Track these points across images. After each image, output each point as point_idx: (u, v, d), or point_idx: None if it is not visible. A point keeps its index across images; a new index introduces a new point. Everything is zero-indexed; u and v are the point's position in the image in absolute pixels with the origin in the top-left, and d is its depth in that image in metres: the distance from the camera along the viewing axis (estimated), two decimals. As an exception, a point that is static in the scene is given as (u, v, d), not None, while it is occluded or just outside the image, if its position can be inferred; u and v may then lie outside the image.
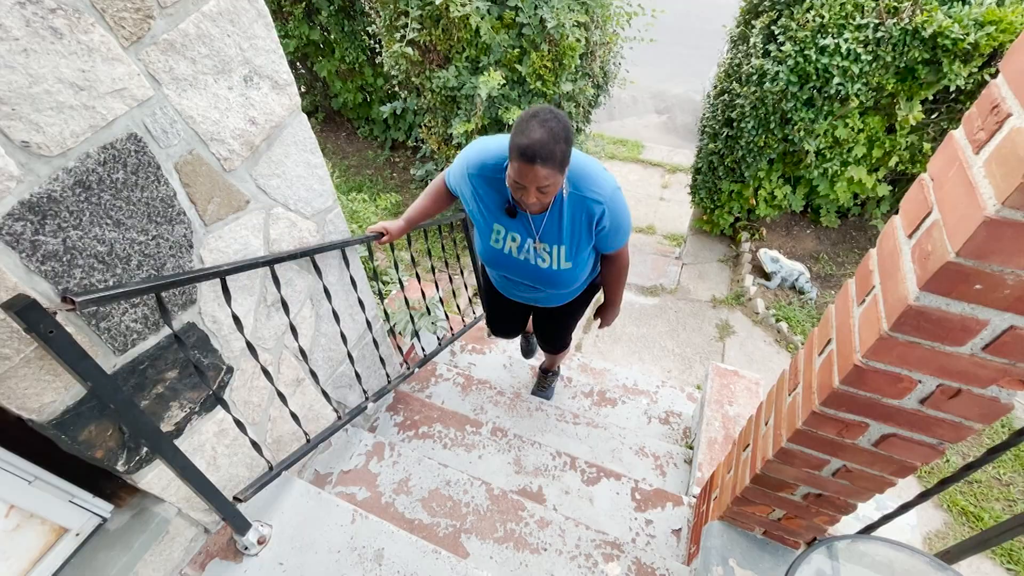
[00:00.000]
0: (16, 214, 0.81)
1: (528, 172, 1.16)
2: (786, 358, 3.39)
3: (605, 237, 1.44)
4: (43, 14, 0.77)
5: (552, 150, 1.13)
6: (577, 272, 1.51)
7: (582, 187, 1.34)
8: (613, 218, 1.38)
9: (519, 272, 1.55)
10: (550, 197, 1.27)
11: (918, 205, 0.74)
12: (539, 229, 1.43)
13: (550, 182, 1.18)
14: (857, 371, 0.83)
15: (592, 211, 1.35)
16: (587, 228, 1.39)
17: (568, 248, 1.44)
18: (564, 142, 1.16)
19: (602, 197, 1.34)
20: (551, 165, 1.15)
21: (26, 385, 0.89)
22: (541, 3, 2.71)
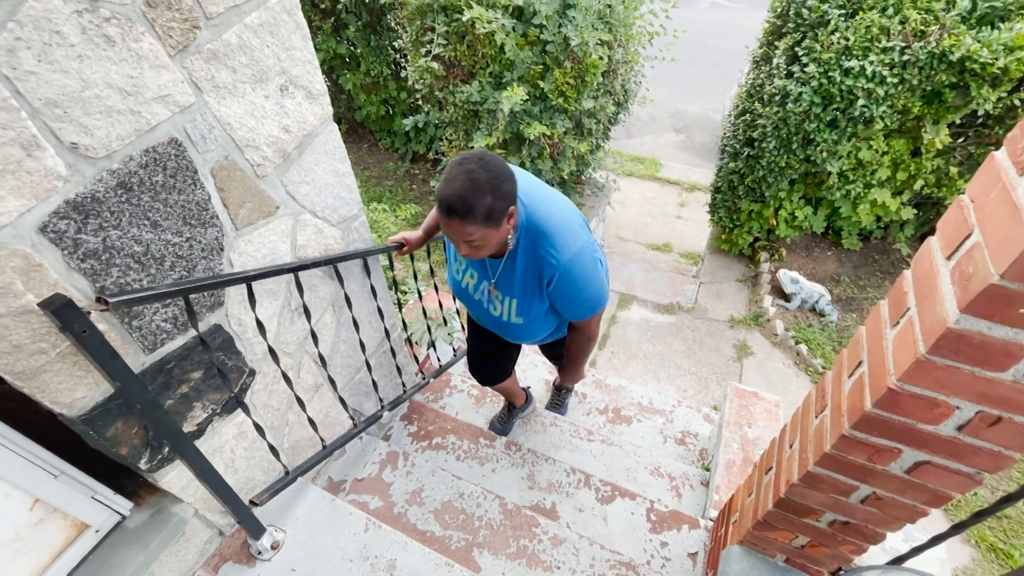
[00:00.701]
0: (61, 212, 0.83)
1: (447, 226, 1.07)
2: (805, 381, 3.32)
3: (558, 302, 1.29)
4: (98, 22, 0.81)
5: (471, 205, 1.02)
6: (531, 329, 1.40)
7: (538, 243, 1.20)
8: (566, 288, 1.23)
9: (476, 312, 1.48)
10: (486, 251, 1.15)
11: (957, 226, 0.73)
12: (495, 274, 1.32)
13: (475, 237, 1.08)
14: (891, 394, 0.81)
15: (543, 271, 1.22)
16: (537, 287, 1.27)
17: (519, 303, 1.32)
18: (491, 193, 1.03)
19: (556, 261, 1.19)
20: (472, 220, 1.04)
21: (59, 380, 0.91)
22: (566, 22, 2.75)
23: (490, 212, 1.05)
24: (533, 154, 3.30)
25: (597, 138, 3.69)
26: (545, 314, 1.36)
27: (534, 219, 1.20)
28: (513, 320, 1.37)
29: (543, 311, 1.34)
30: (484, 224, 1.06)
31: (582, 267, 1.21)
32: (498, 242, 1.15)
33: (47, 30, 0.75)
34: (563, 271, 1.20)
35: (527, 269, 1.25)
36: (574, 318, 1.36)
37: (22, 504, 1.02)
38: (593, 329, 1.42)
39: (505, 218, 1.10)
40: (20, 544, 1.03)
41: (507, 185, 1.08)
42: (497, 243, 1.15)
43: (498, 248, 1.19)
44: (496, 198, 1.05)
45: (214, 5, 0.98)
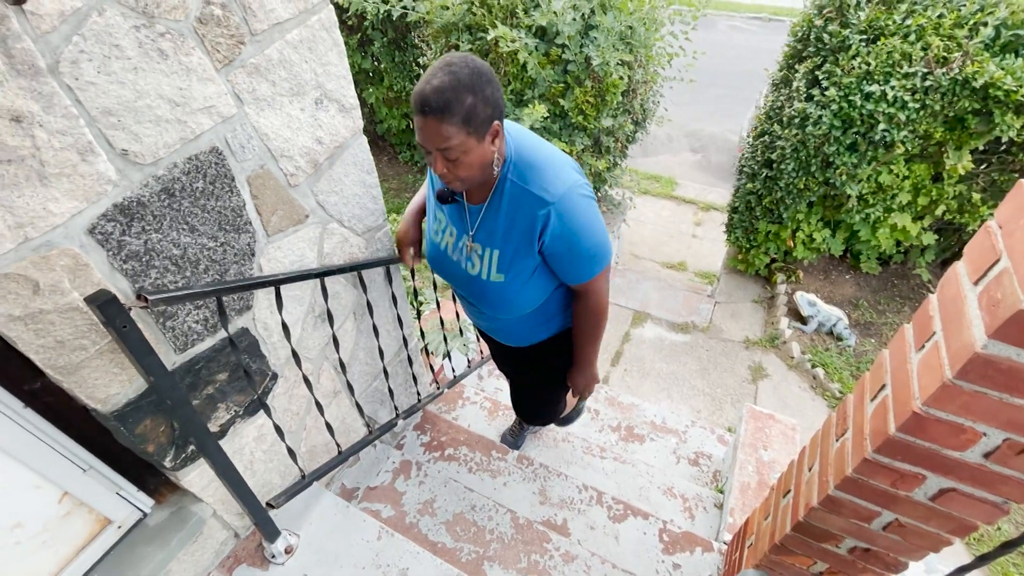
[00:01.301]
0: (109, 215, 0.87)
1: (423, 127, 0.94)
2: (822, 405, 3.27)
3: (555, 258, 1.11)
4: (153, 37, 0.85)
5: (449, 99, 0.90)
6: (512, 291, 1.18)
7: (527, 178, 1.06)
8: (564, 231, 1.06)
9: (454, 279, 1.29)
10: (465, 170, 1.00)
11: (985, 252, 0.73)
12: (474, 223, 1.16)
13: (453, 143, 0.94)
14: (916, 419, 0.80)
15: (533, 213, 1.06)
16: (526, 235, 1.09)
17: (501, 254, 1.13)
18: (472, 93, 0.91)
19: (549, 196, 1.04)
20: (450, 119, 0.91)
21: (96, 376, 0.95)
22: (587, 42, 2.80)
23: (471, 113, 0.93)
24: (551, 170, 3.34)
25: (614, 156, 3.72)
26: (532, 274, 1.16)
27: (523, 152, 1.08)
28: (493, 278, 1.17)
29: (529, 269, 1.15)
30: (464, 127, 0.93)
31: (577, 205, 1.06)
32: (480, 162, 1.00)
33: (107, 43, 0.79)
34: (558, 209, 1.04)
35: (514, 212, 1.08)
36: (576, 279, 1.17)
37: (51, 496, 1.05)
38: (602, 297, 1.21)
39: (489, 131, 0.97)
40: (47, 536, 1.06)
41: (492, 90, 0.95)
42: (479, 163, 1.00)
43: (479, 173, 1.03)
44: (479, 100, 0.93)
45: (259, 23, 1.03)
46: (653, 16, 3.03)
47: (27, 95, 0.72)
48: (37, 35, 0.72)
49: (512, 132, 1.11)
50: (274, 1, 1.05)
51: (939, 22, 2.78)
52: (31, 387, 0.91)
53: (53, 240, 0.81)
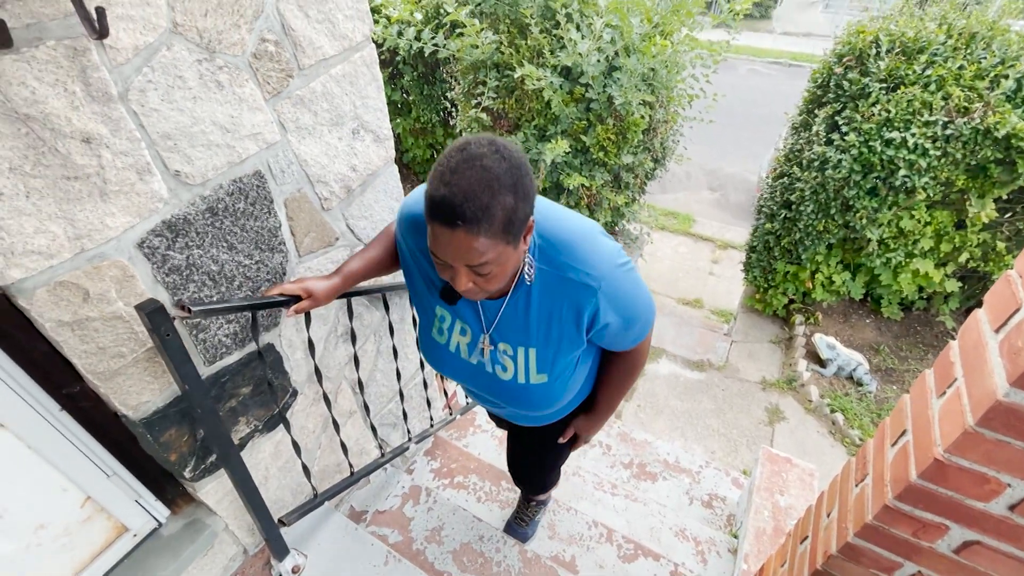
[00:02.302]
0: (157, 231, 0.93)
1: (449, 241, 0.73)
2: (841, 452, 3.17)
3: (612, 336, 0.98)
4: (213, 70, 0.92)
5: (488, 205, 0.70)
6: (557, 387, 1.03)
7: (562, 262, 0.88)
8: (618, 313, 0.92)
9: (473, 382, 1.08)
10: (496, 282, 0.81)
11: (1005, 301, 0.74)
12: (493, 321, 0.97)
13: (488, 258, 0.75)
14: (938, 466, 0.79)
15: (579, 300, 0.89)
16: (573, 325, 0.93)
17: (540, 352, 0.97)
18: (512, 192, 0.72)
19: (593, 280, 0.87)
20: (488, 230, 0.72)
21: (131, 384, 0.98)
22: (611, 82, 2.90)
23: (511, 219, 0.73)
24: (571, 203, 3.40)
25: (633, 191, 3.78)
26: (577, 363, 1.04)
27: (547, 233, 0.89)
28: (534, 380, 1.00)
29: (575, 360, 1.02)
30: (503, 236, 0.74)
31: (624, 278, 0.92)
32: (514, 269, 0.83)
33: (172, 75, 0.86)
34: (607, 291, 0.89)
35: (551, 304, 0.92)
36: (630, 344, 1.04)
37: (75, 500, 1.07)
38: (647, 349, 1.11)
39: (525, 231, 0.79)
40: (67, 540, 1.08)
41: (529, 180, 0.76)
42: (512, 271, 0.83)
43: (510, 281, 0.88)
44: (519, 198, 0.73)
45: (307, 58, 1.10)
46: (675, 59, 3.12)
47: (98, 119, 0.79)
48: (112, 66, 0.79)
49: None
50: (322, 39, 1.13)
51: (959, 73, 2.82)
52: (70, 391, 0.95)
53: (106, 252, 0.87)
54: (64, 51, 0.73)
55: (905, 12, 3.23)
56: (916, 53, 2.96)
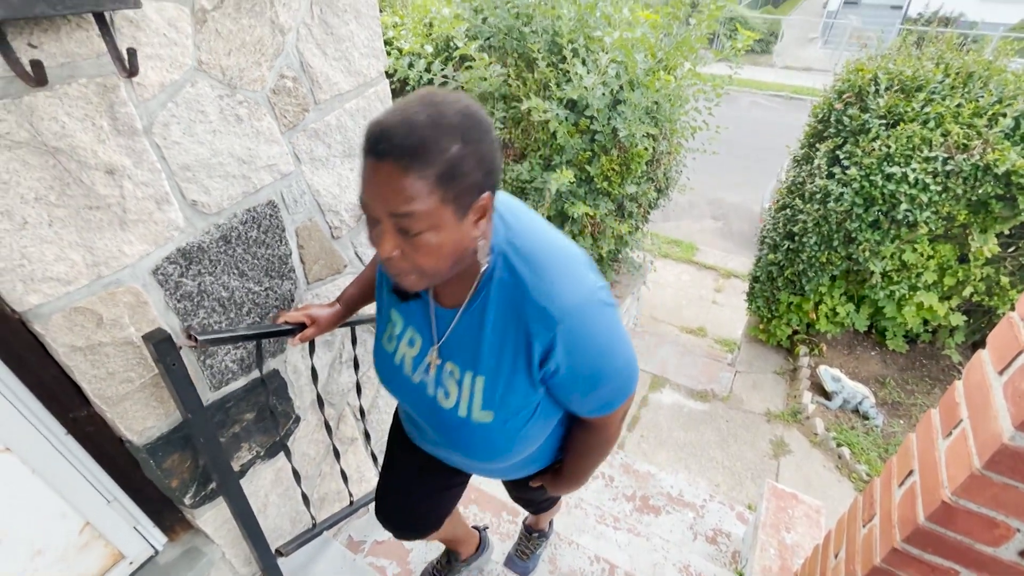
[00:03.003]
0: (172, 258, 0.95)
1: (372, 176, 0.62)
2: (848, 488, 3.11)
3: (564, 391, 0.79)
4: (233, 105, 0.96)
5: (425, 139, 0.59)
6: (502, 436, 0.83)
7: (524, 280, 0.72)
8: (578, 360, 0.74)
9: (416, 407, 0.91)
10: (429, 257, 0.66)
11: (1008, 343, 0.74)
12: (445, 332, 0.81)
13: (416, 208, 0.61)
14: (945, 508, 0.79)
15: (530, 330, 0.72)
16: (525, 358, 0.75)
17: (489, 383, 0.79)
18: (461, 140, 0.61)
19: (556, 309, 0.71)
20: (420, 169, 0.59)
21: (137, 409, 0.99)
22: (615, 115, 2.97)
23: (454, 170, 0.61)
24: (575, 231, 3.44)
25: (637, 220, 3.82)
26: (534, 412, 0.82)
27: (519, 239, 0.74)
28: (476, 416, 0.81)
29: (530, 406, 0.81)
30: (440, 188, 0.61)
31: (597, 321, 0.73)
32: (454, 249, 0.67)
33: (195, 109, 0.90)
34: (568, 329, 0.71)
35: (505, 326, 0.75)
36: (590, 413, 0.84)
37: (74, 526, 1.06)
38: (617, 428, 0.90)
39: (476, 205, 0.65)
40: (63, 566, 1.07)
41: (489, 146, 0.64)
42: (452, 251, 0.66)
43: (448, 266, 0.68)
44: (470, 153, 0.61)
45: (323, 93, 1.14)
46: (678, 93, 3.20)
47: (122, 151, 0.82)
48: (139, 101, 0.82)
49: (505, 209, 0.78)
50: (338, 75, 1.17)
51: (958, 111, 2.87)
52: (77, 415, 0.96)
53: (121, 279, 0.88)
54: (95, 88, 0.76)
55: (903, 51, 3.32)
56: (914, 91, 3.02)
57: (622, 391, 0.82)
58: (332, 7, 1.10)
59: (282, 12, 1.00)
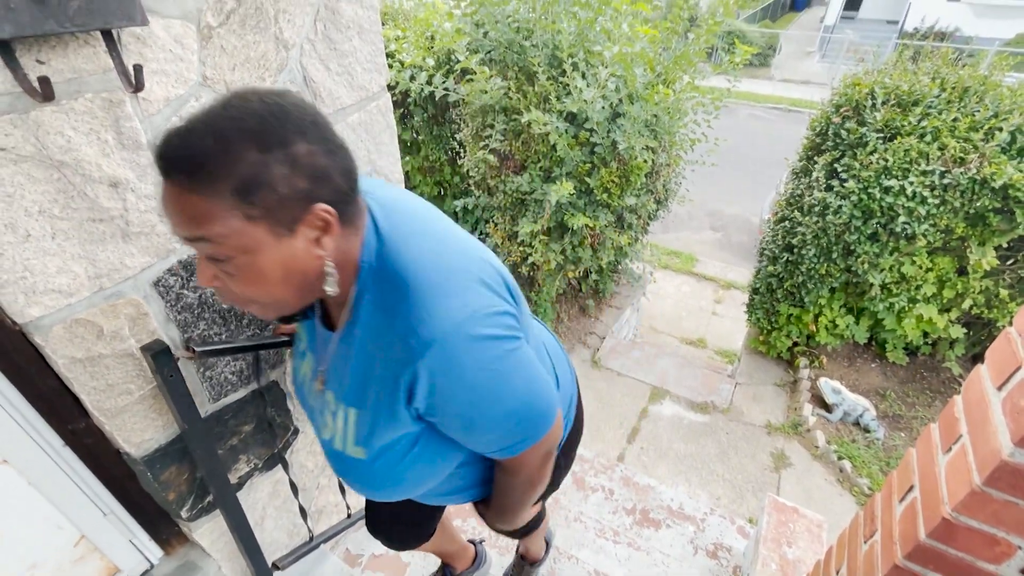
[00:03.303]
0: (173, 270, 0.95)
1: (162, 197, 0.55)
2: (850, 502, 3.09)
3: (442, 427, 0.70)
4: (236, 119, 0.97)
5: (206, 150, 0.52)
6: (381, 474, 0.76)
7: (393, 304, 0.62)
8: (448, 393, 0.64)
9: (313, 425, 0.85)
10: (250, 284, 0.59)
11: (1006, 359, 0.74)
12: (326, 356, 0.75)
13: (212, 233, 0.54)
14: (946, 525, 0.78)
15: (395, 361, 0.63)
16: (391, 394, 0.66)
17: (360, 417, 0.71)
18: (255, 142, 0.52)
19: (420, 339, 0.60)
20: (205, 188, 0.52)
21: (135, 421, 0.99)
22: (615, 128, 2.99)
23: (250, 181, 0.52)
24: (574, 242, 3.45)
25: (636, 232, 3.84)
26: (412, 445, 0.73)
27: (391, 258, 0.63)
28: (350, 451, 0.74)
29: (406, 441, 0.72)
30: (236, 206, 0.53)
31: (470, 356, 0.62)
32: (283, 274, 0.59)
33: (198, 124, 0.91)
34: (432, 363, 0.61)
35: (372, 355, 0.66)
36: (493, 454, 0.75)
37: (70, 539, 1.06)
38: (533, 469, 0.80)
39: (305, 221, 0.57)
40: (58, 580, 1.06)
41: (308, 148, 0.55)
42: (280, 277, 0.59)
43: (283, 294, 0.61)
44: (274, 157, 0.53)
45: (326, 107, 1.16)
46: (677, 106, 3.23)
47: (126, 165, 0.83)
48: (144, 116, 0.83)
49: (382, 217, 0.66)
50: (340, 90, 1.18)
51: (954, 125, 2.90)
52: (75, 426, 0.95)
53: (123, 290, 0.89)
54: (100, 103, 0.77)
55: (899, 66, 3.36)
56: (911, 105, 3.05)
57: (522, 436, 0.72)
58: (335, 23, 1.12)
59: (286, 28, 1.01)
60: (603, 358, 4.05)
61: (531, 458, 0.77)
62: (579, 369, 3.95)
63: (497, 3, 3.01)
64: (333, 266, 0.62)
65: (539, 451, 0.76)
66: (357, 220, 0.64)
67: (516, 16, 3.05)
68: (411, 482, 0.79)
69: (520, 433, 0.72)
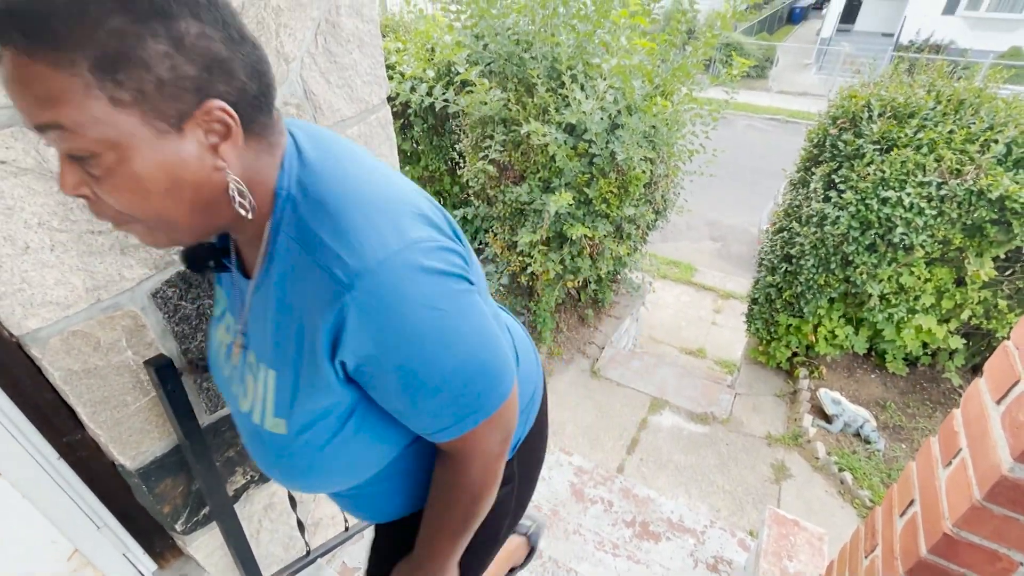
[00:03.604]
0: (172, 281, 0.95)
1: (3, 70, 0.43)
2: (851, 514, 3.07)
3: (374, 388, 0.58)
4: (237, 131, 0.98)
5: (53, 4, 0.40)
6: (301, 456, 0.63)
7: (315, 236, 0.52)
8: (374, 336, 0.52)
9: (230, 406, 0.74)
10: (121, 191, 0.47)
11: (1004, 373, 0.74)
12: (244, 308, 0.63)
13: (60, 114, 0.42)
14: (947, 541, 0.78)
15: (321, 298, 0.52)
16: (313, 344, 0.55)
17: (280, 380, 0.60)
18: (120, 4, 0.41)
19: (345, 271, 0.51)
20: (53, 48, 0.41)
21: (131, 433, 0.98)
22: (613, 139, 3.01)
23: (120, 51, 0.42)
24: (573, 252, 3.46)
25: (635, 242, 3.85)
26: (344, 424, 0.61)
27: (312, 183, 0.54)
28: (268, 425, 0.63)
29: (335, 414, 0.60)
30: (95, 79, 0.42)
31: (410, 287, 0.52)
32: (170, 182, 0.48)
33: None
34: (362, 296, 0.50)
35: (291, 298, 0.55)
36: (435, 432, 0.61)
37: (63, 553, 1.05)
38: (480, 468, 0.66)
39: (190, 112, 0.46)
40: (50, 595, 1.04)
41: (199, 25, 0.45)
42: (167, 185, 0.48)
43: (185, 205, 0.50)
44: (150, 29, 0.42)
45: (326, 120, 1.16)
46: (676, 117, 3.26)
47: (126, 178, 0.83)
48: (144, 129, 0.84)
49: (305, 138, 0.58)
50: (340, 102, 1.19)
51: (950, 137, 2.92)
52: (71, 439, 0.95)
53: (120, 302, 0.89)
54: (101, 116, 0.77)
55: (895, 78, 3.39)
56: (907, 117, 3.08)
57: (474, 405, 0.59)
58: (336, 37, 1.13)
59: (287, 42, 1.02)
60: (602, 368, 4.04)
61: (484, 443, 0.63)
62: (578, 379, 3.95)
63: (497, 16, 3.04)
64: (241, 182, 0.51)
65: (494, 434, 0.64)
66: (271, 136, 0.54)
67: (516, 29, 3.08)
68: (342, 470, 0.65)
69: (471, 400, 0.59)
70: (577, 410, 3.70)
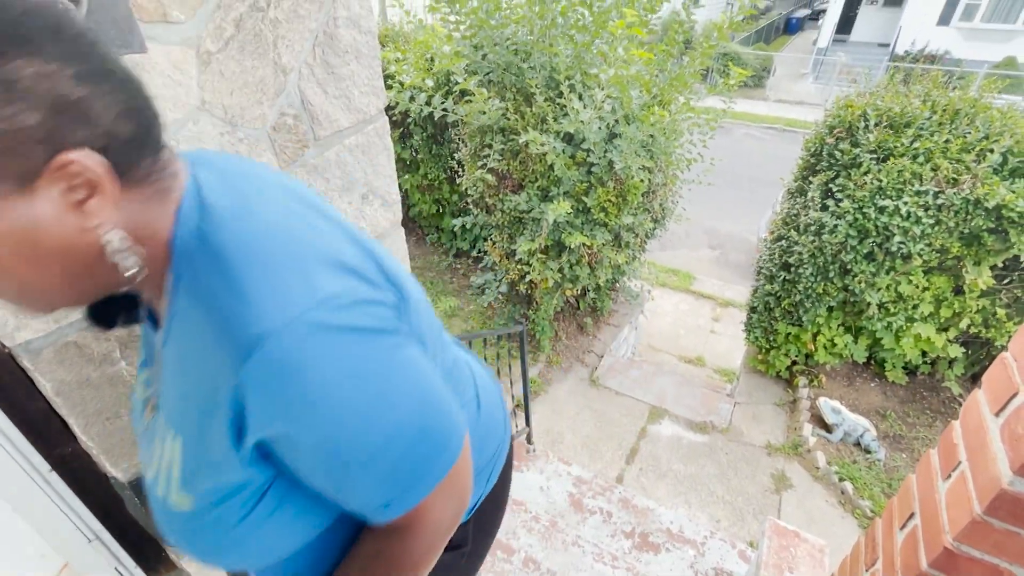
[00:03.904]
0: (166, 292, 0.95)
1: None
2: (852, 524, 3.04)
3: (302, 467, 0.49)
4: (234, 141, 0.98)
5: None
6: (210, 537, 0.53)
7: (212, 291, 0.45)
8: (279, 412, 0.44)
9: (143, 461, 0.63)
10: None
11: (1003, 385, 0.74)
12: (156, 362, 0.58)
13: None
14: (948, 555, 0.77)
15: (216, 367, 0.45)
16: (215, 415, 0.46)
17: (187, 449, 0.51)
18: None
19: (243, 337, 0.43)
20: None
21: (124, 445, 0.97)
22: (611, 148, 3.03)
23: None
24: (572, 260, 3.46)
25: (634, 250, 3.85)
26: (257, 499, 0.52)
27: (212, 232, 0.47)
28: (174, 500, 0.53)
29: (246, 490, 0.51)
30: None
31: (322, 351, 0.44)
32: (28, 250, 0.41)
33: (195, 145, 0.91)
34: (261, 366, 0.43)
35: (190, 360, 0.49)
36: (370, 507, 0.53)
37: (53, 567, 1.03)
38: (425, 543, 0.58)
39: (38, 170, 0.39)
40: (39, 610, 1.03)
41: (42, 64, 0.37)
42: (25, 254, 0.41)
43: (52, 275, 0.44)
44: None
45: (323, 130, 1.17)
46: (673, 127, 3.27)
47: (121, 188, 0.83)
48: (140, 140, 0.84)
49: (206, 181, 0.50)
50: (338, 113, 1.20)
51: (946, 146, 2.94)
52: (62, 451, 0.94)
53: (114, 313, 0.88)
54: (97, 128, 0.77)
55: (890, 88, 3.41)
56: (903, 127, 3.10)
57: (415, 477, 0.51)
58: (334, 48, 1.13)
59: (285, 53, 1.03)
60: (601, 377, 4.03)
61: (434, 514, 0.55)
62: (577, 388, 3.93)
63: (495, 26, 3.07)
64: (125, 236, 0.44)
65: (446, 503, 0.55)
66: (161, 181, 0.47)
67: (514, 39, 3.10)
68: (257, 550, 0.55)
69: (412, 469, 0.50)
70: (576, 419, 3.68)
